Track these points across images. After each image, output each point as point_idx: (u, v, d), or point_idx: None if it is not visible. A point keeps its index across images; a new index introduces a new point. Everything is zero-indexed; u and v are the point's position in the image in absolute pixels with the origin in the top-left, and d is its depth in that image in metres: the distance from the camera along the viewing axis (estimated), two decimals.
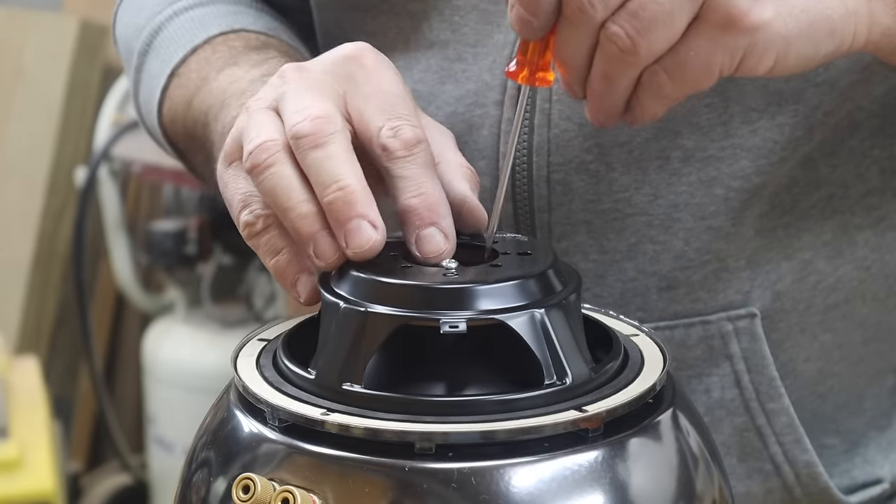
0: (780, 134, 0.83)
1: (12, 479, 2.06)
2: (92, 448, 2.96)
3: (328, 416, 0.63)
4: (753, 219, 0.85)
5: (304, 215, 0.67)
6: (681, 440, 0.66)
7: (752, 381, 0.86)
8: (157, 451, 2.61)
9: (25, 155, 2.88)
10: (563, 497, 0.61)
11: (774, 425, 0.87)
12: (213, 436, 0.68)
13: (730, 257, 0.85)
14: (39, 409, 2.27)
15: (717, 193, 0.84)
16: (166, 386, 2.56)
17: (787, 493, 0.88)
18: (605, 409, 0.63)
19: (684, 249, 0.85)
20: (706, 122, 0.83)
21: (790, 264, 0.86)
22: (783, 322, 0.87)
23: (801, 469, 0.87)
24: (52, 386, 2.68)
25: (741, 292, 0.86)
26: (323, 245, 0.67)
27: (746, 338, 0.86)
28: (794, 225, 0.86)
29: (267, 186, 0.68)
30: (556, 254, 0.70)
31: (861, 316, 0.89)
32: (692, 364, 0.86)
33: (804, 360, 0.88)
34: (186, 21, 0.93)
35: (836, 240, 0.87)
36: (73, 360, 2.91)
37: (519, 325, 0.64)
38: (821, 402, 0.89)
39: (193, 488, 0.67)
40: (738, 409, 0.87)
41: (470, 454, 0.61)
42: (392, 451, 0.61)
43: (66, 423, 2.85)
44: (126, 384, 2.92)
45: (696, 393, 0.87)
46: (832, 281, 0.87)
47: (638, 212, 0.84)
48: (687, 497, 0.65)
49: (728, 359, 0.86)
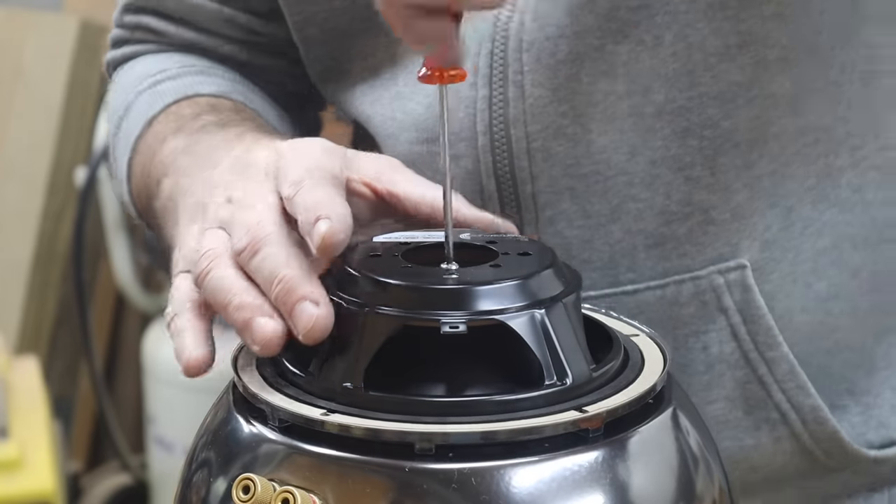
0: (741, 76, 0.84)
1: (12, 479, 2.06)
2: (92, 448, 2.96)
3: (328, 416, 0.63)
4: (736, 169, 0.85)
5: (238, 307, 0.69)
6: (681, 440, 0.66)
7: (749, 333, 0.87)
8: (157, 451, 2.61)
9: (25, 155, 2.88)
10: (564, 497, 0.61)
11: (776, 373, 0.87)
12: (213, 436, 0.68)
13: (713, 209, 0.86)
14: (39, 409, 2.27)
15: (692, 144, 0.85)
16: (166, 386, 2.56)
17: (796, 442, 0.89)
18: (605, 410, 0.63)
19: (666, 204, 0.86)
20: (672, 72, 0.84)
21: (775, 212, 0.87)
22: (774, 273, 0.87)
23: (807, 414, 0.88)
24: (52, 386, 2.68)
25: (729, 244, 0.86)
26: (255, 330, 0.68)
27: (739, 290, 0.86)
28: (779, 172, 0.86)
29: (209, 289, 0.71)
30: (556, 254, 0.70)
31: (853, 263, 0.89)
32: (688, 322, 0.87)
33: (801, 311, 0.88)
34: (149, 95, 0.96)
35: (819, 184, 0.87)
36: (73, 360, 2.91)
37: (519, 325, 0.64)
38: (829, 359, 0.89)
39: (193, 488, 0.67)
40: (738, 362, 0.87)
41: (470, 454, 0.61)
42: (392, 451, 0.61)
43: (66, 423, 2.85)
44: (126, 384, 2.92)
45: (695, 351, 0.87)
46: (818, 226, 0.88)
47: (618, 172, 0.85)
48: (687, 497, 0.65)
49: (723, 312, 0.87)
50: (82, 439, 2.94)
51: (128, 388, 2.91)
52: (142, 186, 0.93)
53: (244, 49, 1.00)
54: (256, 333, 0.68)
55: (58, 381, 2.87)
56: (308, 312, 0.67)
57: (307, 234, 0.69)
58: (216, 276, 0.71)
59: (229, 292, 0.70)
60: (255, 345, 0.68)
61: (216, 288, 0.71)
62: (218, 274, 0.71)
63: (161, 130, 0.93)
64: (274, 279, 0.68)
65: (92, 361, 2.73)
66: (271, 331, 0.68)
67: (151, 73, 0.98)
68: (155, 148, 0.91)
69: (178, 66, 0.98)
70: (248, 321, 0.68)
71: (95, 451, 2.96)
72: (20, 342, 2.81)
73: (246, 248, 0.70)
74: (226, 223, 0.74)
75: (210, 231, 0.74)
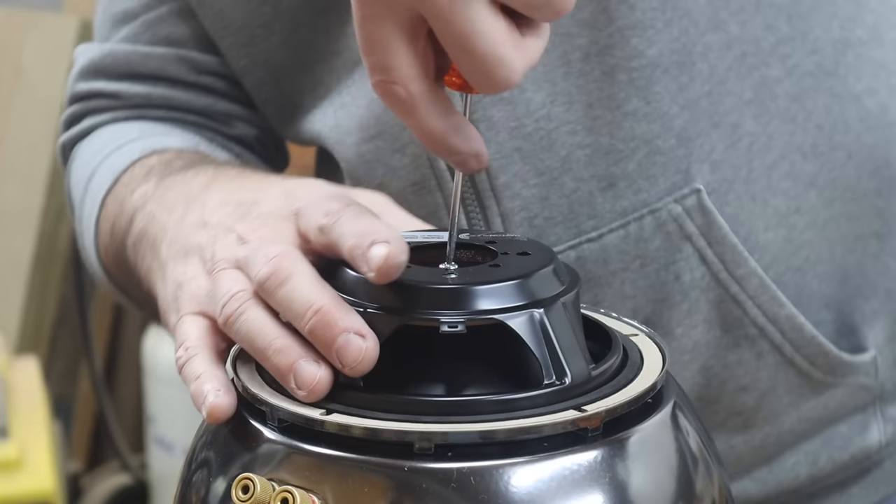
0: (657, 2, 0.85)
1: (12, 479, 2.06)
2: (92, 448, 2.96)
3: (328, 416, 0.63)
4: (671, 95, 0.86)
5: (278, 351, 0.66)
6: (680, 440, 0.66)
7: (716, 255, 0.88)
8: (157, 451, 2.61)
9: (25, 155, 2.88)
10: (563, 497, 0.61)
11: (748, 289, 0.89)
12: (212, 436, 0.68)
13: (657, 138, 0.87)
14: (39, 409, 2.27)
15: (623, 79, 0.86)
16: (166, 386, 2.56)
17: (779, 354, 0.91)
18: (604, 409, 0.63)
19: (612, 143, 0.87)
20: (589, 14, 0.85)
21: (719, 132, 0.88)
22: (731, 194, 0.88)
23: (783, 324, 0.90)
24: (52, 386, 2.68)
25: (680, 171, 0.87)
26: (302, 375, 0.65)
27: (698, 214, 0.88)
28: (715, 91, 0.87)
29: (242, 333, 0.68)
30: (555, 254, 0.70)
31: (807, 174, 0.90)
32: (655, 256, 0.88)
33: (764, 230, 0.89)
34: (115, 157, 0.97)
35: (757, 97, 0.88)
36: (73, 360, 2.91)
37: (518, 324, 0.64)
38: (801, 276, 0.91)
39: (193, 488, 0.67)
40: (710, 285, 0.89)
41: (469, 454, 0.61)
42: (391, 451, 0.61)
43: (66, 423, 2.85)
44: (126, 384, 2.92)
45: (668, 283, 0.89)
46: (764, 140, 0.88)
47: (560, 122, 0.87)
48: (686, 497, 0.65)
49: (687, 239, 0.88)
50: (82, 439, 2.94)
51: (128, 388, 2.91)
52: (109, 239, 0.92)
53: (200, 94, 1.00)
54: (303, 380, 0.65)
55: (58, 381, 2.87)
56: (356, 346, 0.64)
57: (358, 259, 0.66)
58: (249, 318, 0.68)
59: (266, 336, 0.67)
60: (301, 391, 0.65)
61: (251, 331, 0.67)
62: (251, 316, 0.68)
63: (129, 181, 0.93)
64: (307, 309, 0.65)
65: (92, 361, 2.73)
66: (318, 377, 0.65)
67: (113, 140, 0.99)
68: (123, 197, 0.91)
69: (139, 132, 0.99)
70: (291, 366, 0.65)
71: (95, 451, 2.96)
72: (20, 342, 2.81)
73: (270, 278, 0.67)
74: (242, 262, 0.71)
75: (225, 272, 0.71)
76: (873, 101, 0.91)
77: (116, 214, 0.91)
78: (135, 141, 0.97)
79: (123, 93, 1.01)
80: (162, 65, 1.00)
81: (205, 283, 0.73)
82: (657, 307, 0.89)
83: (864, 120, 0.91)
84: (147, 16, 1.00)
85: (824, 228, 0.91)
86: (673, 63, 0.86)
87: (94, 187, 0.97)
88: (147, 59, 1.00)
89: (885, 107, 0.91)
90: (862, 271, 0.93)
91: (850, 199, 0.91)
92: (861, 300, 0.94)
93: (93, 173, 0.98)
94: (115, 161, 0.96)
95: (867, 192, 0.92)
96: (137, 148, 0.96)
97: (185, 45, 0.99)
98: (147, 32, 1.00)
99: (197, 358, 0.70)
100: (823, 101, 0.90)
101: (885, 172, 0.92)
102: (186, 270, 0.75)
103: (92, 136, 1.03)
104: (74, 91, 1.05)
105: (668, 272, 0.89)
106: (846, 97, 0.90)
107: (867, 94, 0.91)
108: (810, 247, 0.90)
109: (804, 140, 0.89)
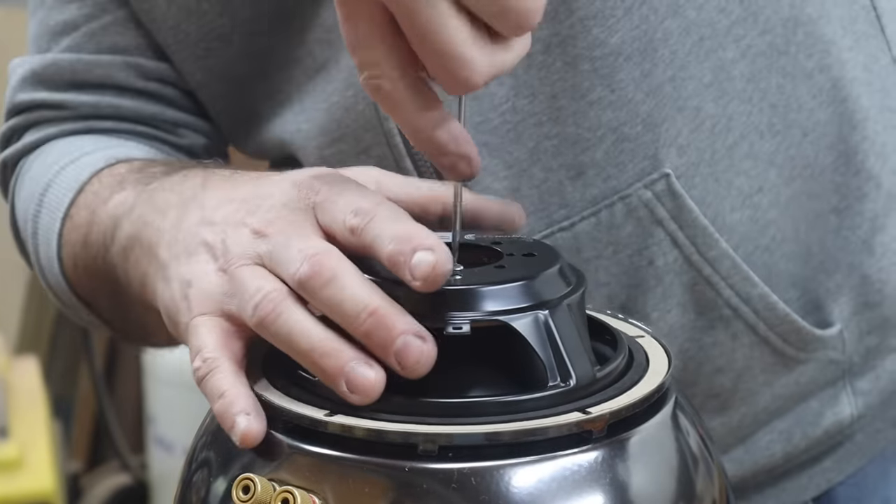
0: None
1: (12, 479, 2.07)
2: (92, 448, 2.96)
3: (331, 417, 0.63)
4: (634, 82, 0.87)
5: (327, 353, 0.64)
6: (681, 440, 0.66)
7: (687, 237, 0.89)
8: (157, 451, 2.62)
9: None
10: (563, 497, 0.61)
11: (720, 271, 0.89)
12: (213, 436, 0.68)
13: (623, 125, 0.87)
14: (39, 409, 2.27)
15: (586, 68, 0.86)
16: (166, 386, 2.56)
17: (753, 334, 0.92)
18: (608, 411, 0.63)
19: (578, 133, 0.87)
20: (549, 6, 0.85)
21: (683, 116, 0.88)
22: (696, 176, 0.89)
23: (756, 304, 0.91)
24: (52, 386, 2.68)
25: (648, 157, 0.88)
26: (354, 378, 0.63)
27: (668, 198, 0.88)
28: (678, 76, 0.87)
29: (281, 335, 0.66)
30: (561, 255, 0.70)
31: (766, 153, 0.91)
32: (628, 242, 0.89)
33: (731, 211, 0.90)
34: (73, 169, 0.94)
35: (716, 79, 0.88)
36: (73, 360, 2.91)
37: (522, 326, 0.64)
38: (769, 256, 0.92)
39: (193, 488, 0.67)
40: (683, 268, 0.89)
41: (470, 455, 0.61)
42: (392, 451, 0.61)
43: (66, 423, 2.85)
44: (126, 384, 2.92)
45: (642, 268, 0.89)
46: (724, 121, 0.89)
47: (525, 115, 0.87)
48: (687, 497, 0.65)
49: (658, 224, 0.88)
50: (82, 439, 2.94)
51: (128, 388, 2.91)
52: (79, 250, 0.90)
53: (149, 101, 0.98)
54: (356, 384, 0.63)
55: (58, 381, 2.87)
56: (416, 348, 0.63)
57: (401, 266, 0.64)
58: (290, 320, 0.65)
59: (310, 338, 0.65)
60: (355, 394, 0.63)
61: (292, 333, 0.65)
62: (292, 318, 0.65)
63: (98, 190, 0.90)
64: (360, 311, 0.63)
65: (92, 361, 2.73)
66: (372, 380, 0.63)
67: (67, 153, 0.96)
68: (95, 206, 0.88)
69: (92, 146, 0.96)
70: (342, 370, 0.63)
71: (95, 451, 2.96)
72: (20, 342, 2.81)
73: (312, 277, 0.65)
74: (267, 258, 0.68)
75: (248, 269, 0.68)
76: (824, 78, 0.92)
77: (88, 224, 0.89)
78: (92, 153, 0.95)
79: (69, 103, 0.98)
80: (108, 72, 0.97)
81: (218, 280, 0.70)
82: (632, 293, 0.89)
83: (817, 97, 0.92)
84: (90, 25, 0.97)
85: (787, 207, 0.92)
86: (635, 50, 0.86)
87: (50, 200, 0.94)
88: (93, 66, 0.97)
89: (836, 83, 0.92)
90: (824, 247, 0.94)
91: (809, 176, 0.92)
92: (824, 276, 0.95)
93: (47, 186, 0.94)
94: (73, 173, 0.93)
95: (824, 169, 0.93)
96: (100, 158, 0.93)
97: (132, 53, 0.97)
98: (90, 42, 0.97)
99: (218, 372, 0.67)
100: (776, 80, 0.90)
101: (839, 148, 0.93)
102: (193, 268, 0.72)
103: (40, 151, 0.99)
104: (14, 102, 1.01)
105: (641, 257, 0.89)
106: (798, 75, 0.91)
107: (818, 71, 0.92)
108: (775, 226, 0.91)
109: (760, 119, 0.90)
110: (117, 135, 0.98)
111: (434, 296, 0.64)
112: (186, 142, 1.00)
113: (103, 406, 2.75)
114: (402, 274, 0.64)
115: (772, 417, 0.96)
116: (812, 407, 0.97)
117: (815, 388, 0.96)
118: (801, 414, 0.96)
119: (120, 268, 0.83)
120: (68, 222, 0.92)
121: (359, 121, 0.89)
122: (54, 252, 0.93)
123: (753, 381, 0.93)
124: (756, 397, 0.94)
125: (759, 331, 0.91)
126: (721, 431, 0.94)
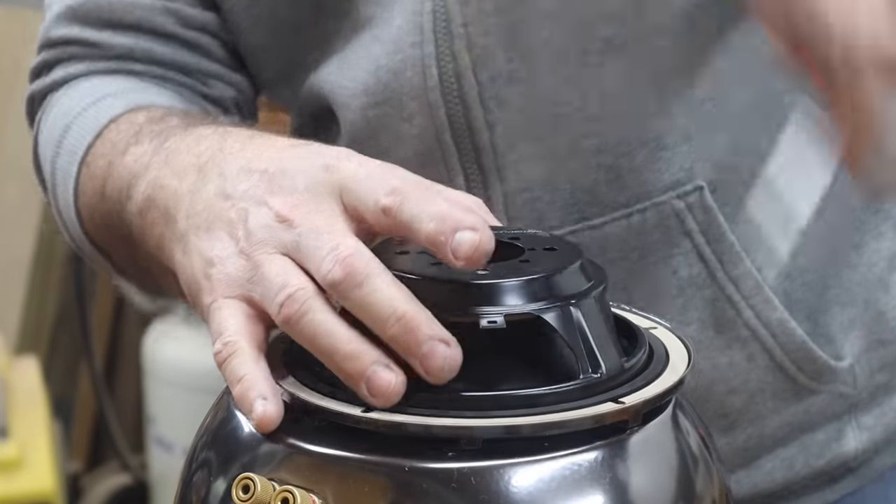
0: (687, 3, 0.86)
1: (12, 479, 2.07)
2: (92, 448, 2.96)
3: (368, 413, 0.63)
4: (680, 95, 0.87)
5: (349, 356, 0.64)
6: (681, 440, 0.66)
7: (714, 252, 0.89)
8: (157, 451, 2.62)
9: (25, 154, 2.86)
10: (562, 497, 0.61)
11: (742, 290, 0.89)
12: (213, 436, 0.68)
13: (665, 135, 0.88)
14: (39, 409, 2.27)
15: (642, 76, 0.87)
16: (166, 386, 2.56)
17: (769, 358, 0.91)
18: (641, 401, 0.63)
19: (622, 136, 0.87)
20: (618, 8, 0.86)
21: (722, 135, 0.88)
22: (732, 194, 0.89)
23: (775, 328, 0.90)
24: (52, 386, 2.68)
25: (684, 168, 0.88)
26: (376, 381, 0.63)
27: (700, 211, 0.88)
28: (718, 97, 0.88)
29: (305, 333, 0.65)
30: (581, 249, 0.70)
31: None
32: (654, 248, 0.89)
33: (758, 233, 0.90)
34: (94, 110, 0.92)
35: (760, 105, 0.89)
36: (73, 360, 2.91)
37: (553, 318, 0.64)
38: (790, 283, 0.92)
39: (193, 488, 0.67)
40: (706, 283, 0.89)
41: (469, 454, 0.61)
42: (392, 450, 0.61)
43: (66, 423, 2.85)
44: (126, 384, 2.92)
45: (665, 276, 0.89)
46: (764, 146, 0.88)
47: (573, 109, 0.87)
48: (687, 497, 0.65)
49: (687, 235, 0.89)
50: (82, 439, 2.94)
51: (128, 388, 2.91)
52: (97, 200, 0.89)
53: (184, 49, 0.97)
54: (377, 386, 0.63)
55: (58, 381, 2.87)
56: (441, 353, 0.62)
57: (442, 246, 0.63)
58: (315, 320, 0.64)
59: (334, 339, 0.64)
60: (375, 397, 0.63)
61: (317, 333, 0.64)
62: (317, 318, 0.64)
63: (115, 139, 0.88)
64: (390, 315, 0.63)
65: (92, 361, 2.73)
66: (394, 382, 0.63)
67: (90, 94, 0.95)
68: (112, 156, 0.87)
69: (117, 88, 0.95)
70: (363, 372, 0.63)
71: (95, 451, 2.96)
72: (20, 342, 2.81)
73: (344, 280, 0.64)
74: (293, 250, 0.67)
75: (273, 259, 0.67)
76: None
77: (106, 175, 0.87)
78: (114, 95, 0.93)
79: (103, 42, 0.96)
80: (148, 15, 0.95)
81: (241, 264, 0.68)
82: (651, 301, 0.89)
83: None
84: None
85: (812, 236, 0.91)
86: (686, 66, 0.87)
87: (69, 143, 0.93)
88: (132, 7, 0.95)
89: None
90: (840, 280, 0.94)
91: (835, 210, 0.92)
92: (839, 308, 0.95)
93: (67, 128, 0.93)
94: (93, 116, 0.92)
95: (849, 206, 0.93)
96: (120, 103, 0.91)
97: None
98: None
99: (238, 355, 0.66)
100: None
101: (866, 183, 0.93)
102: (214, 245, 0.70)
103: (67, 87, 0.98)
104: (48, 37, 0.99)
105: (665, 266, 0.89)
106: None
107: None
108: (801, 256, 0.91)
109: None
110: (146, 78, 0.97)
111: (466, 289, 0.64)
112: (216, 93, 0.98)
113: (103, 406, 2.75)
114: (444, 254, 0.64)
115: (777, 445, 0.95)
116: (818, 438, 0.96)
117: (823, 420, 0.96)
118: (806, 444, 0.96)
119: (136, 225, 0.81)
120: (85, 169, 0.90)
121: (405, 87, 0.89)
122: (71, 199, 0.93)
123: (764, 406, 0.93)
124: (764, 421, 0.94)
125: (775, 355, 0.91)
126: (726, 451, 0.93)
